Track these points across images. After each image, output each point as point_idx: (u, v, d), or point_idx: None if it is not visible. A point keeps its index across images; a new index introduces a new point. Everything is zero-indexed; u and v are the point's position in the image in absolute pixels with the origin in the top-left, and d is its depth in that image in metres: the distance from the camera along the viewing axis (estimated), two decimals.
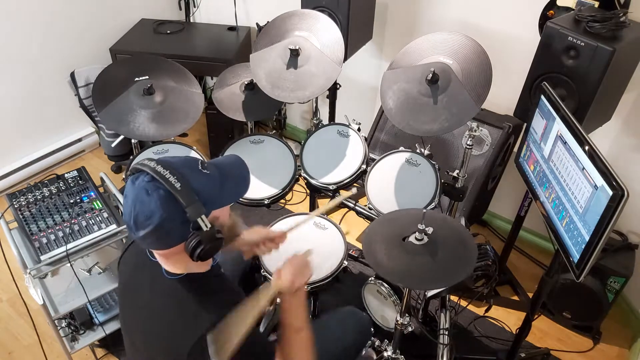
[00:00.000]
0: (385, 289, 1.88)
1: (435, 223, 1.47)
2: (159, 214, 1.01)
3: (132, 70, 2.06)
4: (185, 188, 1.02)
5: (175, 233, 1.05)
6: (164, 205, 1.01)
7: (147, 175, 1.03)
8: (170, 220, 1.02)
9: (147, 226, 1.02)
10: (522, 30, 2.22)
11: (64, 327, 2.00)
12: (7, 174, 2.94)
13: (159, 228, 1.02)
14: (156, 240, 1.06)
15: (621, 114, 2.11)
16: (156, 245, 1.09)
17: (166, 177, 1.02)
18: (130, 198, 1.03)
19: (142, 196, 1.02)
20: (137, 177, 1.05)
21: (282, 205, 2.86)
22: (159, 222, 1.01)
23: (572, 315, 2.26)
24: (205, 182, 1.07)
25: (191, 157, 1.12)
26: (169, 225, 1.03)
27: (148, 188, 1.02)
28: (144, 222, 1.02)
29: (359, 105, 3.05)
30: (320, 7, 2.29)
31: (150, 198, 1.01)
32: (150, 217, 1.01)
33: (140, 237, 1.05)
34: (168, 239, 1.06)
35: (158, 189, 1.02)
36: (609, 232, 1.27)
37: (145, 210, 1.01)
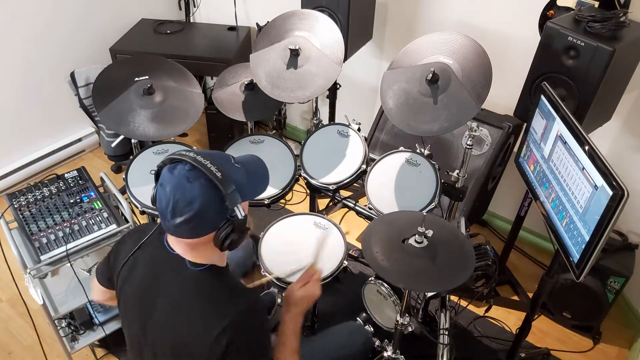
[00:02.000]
0: (385, 289, 1.88)
1: (435, 226, 1.47)
2: (200, 200, 1.05)
3: (132, 70, 2.06)
4: (225, 177, 1.08)
5: (211, 221, 1.10)
6: (205, 192, 1.06)
7: (188, 165, 1.07)
8: (209, 207, 1.07)
9: (186, 212, 1.06)
10: (522, 30, 2.22)
11: (64, 327, 2.00)
12: (7, 174, 2.94)
13: (198, 215, 1.07)
14: (192, 227, 1.09)
15: (621, 114, 2.11)
16: (190, 232, 1.11)
17: (208, 166, 1.06)
18: (170, 186, 1.07)
19: (183, 183, 1.06)
20: (174, 166, 1.09)
21: (282, 205, 2.86)
22: (199, 208, 1.06)
23: (572, 315, 2.26)
24: (237, 175, 1.13)
25: (223, 152, 1.19)
26: (207, 213, 1.08)
27: (189, 176, 1.06)
28: (184, 209, 1.06)
29: (359, 105, 3.05)
30: (320, 7, 2.29)
31: (192, 185, 1.06)
32: (191, 203, 1.05)
33: (175, 225, 1.08)
34: (203, 226, 1.10)
35: (199, 177, 1.06)
36: (609, 232, 1.27)
37: (187, 196, 1.06)
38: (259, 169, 1.24)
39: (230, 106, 2.18)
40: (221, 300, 1.15)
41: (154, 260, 1.24)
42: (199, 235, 1.12)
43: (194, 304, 1.16)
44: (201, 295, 1.16)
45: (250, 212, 1.38)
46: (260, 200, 1.97)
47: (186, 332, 1.14)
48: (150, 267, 1.25)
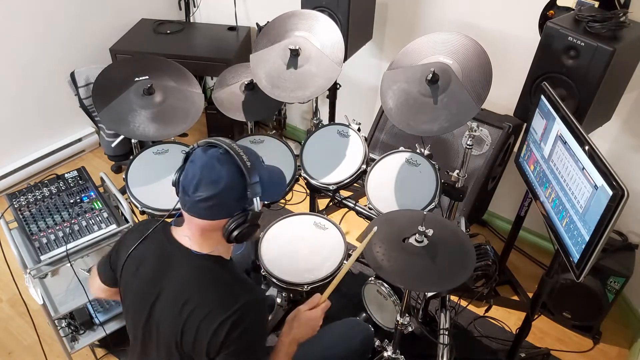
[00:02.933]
0: (385, 289, 1.88)
1: (435, 225, 1.47)
2: (225, 181, 1.11)
3: (132, 70, 2.06)
4: (253, 168, 1.13)
5: (229, 206, 1.14)
6: (232, 175, 1.11)
7: (222, 149, 1.13)
8: (231, 191, 1.12)
9: (208, 190, 1.11)
10: (522, 30, 2.22)
11: (64, 327, 1.99)
12: (7, 174, 2.94)
13: (219, 195, 1.11)
14: (210, 206, 1.13)
15: (621, 114, 2.11)
16: (205, 211, 1.14)
17: (240, 154, 1.13)
18: (200, 163, 1.13)
19: (213, 163, 1.12)
20: (208, 148, 1.15)
21: (282, 205, 2.86)
22: (222, 188, 1.11)
23: (572, 315, 2.26)
24: (263, 173, 1.18)
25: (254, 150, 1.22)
26: (228, 196, 1.13)
27: (221, 159, 1.12)
28: (207, 186, 1.11)
29: (359, 105, 3.05)
30: (320, 7, 2.29)
31: (222, 167, 1.11)
32: (216, 182, 1.11)
33: (194, 201, 1.12)
34: (220, 208, 1.14)
35: (229, 162, 1.12)
36: (609, 232, 1.27)
37: (213, 175, 1.11)
38: (279, 178, 1.30)
39: (230, 106, 2.19)
40: (226, 289, 1.18)
41: (159, 253, 1.26)
42: (213, 217, 1.15)
43: (198, 290, 1.17)
44: (205, 282, 1.19)
45: None
46: None
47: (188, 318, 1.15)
48: (155, 260, 1.26)
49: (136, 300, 1.29)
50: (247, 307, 1.15)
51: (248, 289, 1.21)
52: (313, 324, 1.35)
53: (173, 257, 1.23)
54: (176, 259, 1.22)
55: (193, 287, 1.18)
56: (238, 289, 1.19)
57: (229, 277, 1.21)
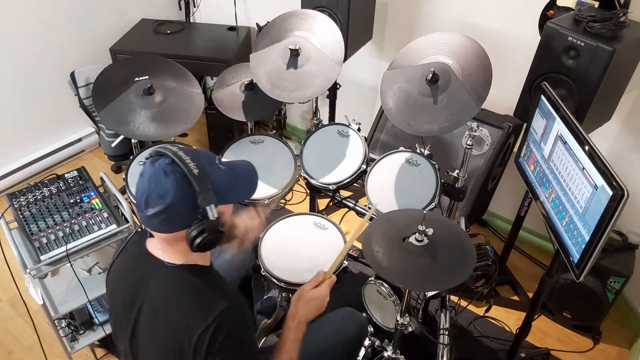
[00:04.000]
0: (385, 289, 1.88)
1: (435, 225, 1.47)
2: (172, 194, 1.06)
3: (132, 70, 2.06)
4: (202, 176, 1.07)
5: (182, 217, 1.10)
6: (178, 187, 1.06)
7: (168, 158, 1.08)
8: (180, 203, 1.07)
9: (157, 205, 1.07)
10: (522, 30, 2.22)
11: (64, 327, 2.00)
12: (7, 174, 2.95)
13: (169, 208, 1.07)
14: (163, 221, 1.09)
15: (621, 114, 2.11)
16: (161, 226, 1.11)
17: (186, 162, 1.07)
18: (147, 176, 1.09)
19: (159, 175, 1.07)
20: (157, 159, 1.10)
21: (282, 205, 2.86)
22: (171, 202, 1.06)
23: (572, 315, 2.26)
24: (220, 176, 1.13)
25: (209, 152, 1.18)
26: (179, 208, 1.08)
27: (167, 170, 1.07)
28: (156, 201, 1.07)
29: (359, 105, 3.05)
30: (320, 7, 2.29)
31: (167, 179, 1.06)
32: (163, 196, 1.06)
33: (147, 216, 1.09)
34: (174, 221, 1.10)
35: (176, 172, 1.07)
36: (609, 232, 1.27)
37: (160, 189, 1.07)
38: (246, 173, 1.23)
39: (230, 106, 2.18)
40: (201, 300, 1.14)
41: (134, 269, 1.24)
42: (171, 230, 1.12)
43: (173, 304, 1.14)
44: (180, 295, 1.15)
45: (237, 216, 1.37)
46: (261, 200, 1.97)
47: (168, 332, 1.13)
48: (130, 276, 1.24)
49: (118, 319, 1.27)
50: (225, 313, 1.11)
51: (224, 295, 1.16)
52: (319, 302, 1.34)
53: (147, 271, 1.20)
54: (150, 274, 1.19)
55: (168, 301, 1.15)
56: (214, 297, 1.14)
57: (204, 286, 1.16)
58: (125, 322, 1.24)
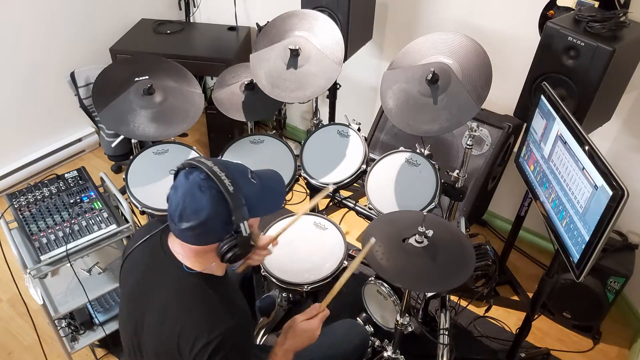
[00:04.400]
0: (385, 289, 1.88)
1: (435, 226, 1.47)
2: (208, 211, 1.06)
3: (132, 70, 2.06)
4: (237, 192, 1.08)
5: (216, 232, 1.10)
6: (214, 203, 1.06)
7: (203, 173, 1.08)
8: (215, 219, 1.08)
9: (192, 220, 1.07)
10: (522, 30, 2.22)
11: (64, 327, 1.99)
12: (7, 174, 2.94)
13: (203, 224, 1.07)
14: (196, 235, 1.10)
15: (621, 114, 2.11)
16: (193, 239, 1.12)
17: (222, 179, 1.07)
18: (182, 191, 1.09)
19: (194, 191, 1.07)
20: (190, 172, 1.10)
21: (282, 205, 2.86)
22: (205, 218, 1.07)
23: (572, 315, 2.26)
24: (251, 191, 1.13)
25: (243, 165, 1.18)
26: (213, 224, 1.08)
27: (202, 185, 1.07)
28: (191, 215, 1.07)
29: (359, 105, 3.05)
30: (320, 7, 2.29)
31: (203, 195, 1.06)
32: (199, 212, 1.07)
33: (180, 229, 1.09)
34: (207, 236, 1.11)
35: (211, 188, 1.07)
36: (609, 232, 1.27)
37: (195, 205, 1.07)
38: (276, 185, 1.24)
39: (230, 106, 2.19)
40: (211, 312, 1.14)
41: (152, 261, 1.24)
42: (203, 244, 1.12)
43: (183, 310, 1.14)
44: (192, 302, 1.15)
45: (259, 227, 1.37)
46: None
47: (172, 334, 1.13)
48: (145, 270, 1.24)
49: (127, 307, 1.27)
50: (229, 332, 1.11)
51: (233, 312, 1.17)
52: (310, 334, 1.33)
53: (163, 270, 1.20)
54: (166, 273, 1.19)
55: (178, 306, 1.15)
56: (223, 312, 1.15)
57: (216, 299, 1.16)
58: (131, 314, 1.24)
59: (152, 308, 1.18)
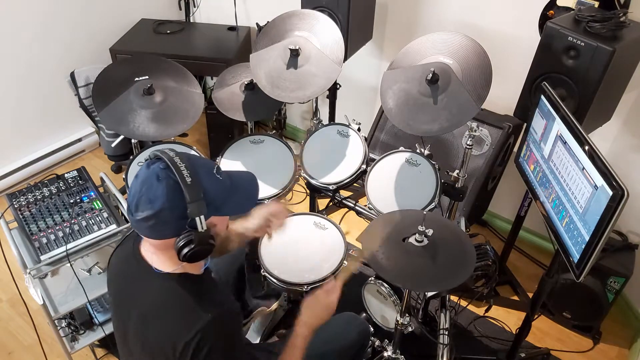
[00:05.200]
0: (385, 289, 1.88)
1: (435, 225, 1.47)
2: (162, 200, 1.04)
3: (132, 70, 2.06)
4: (195, 184, 1.04)
5: (171, 225, 1.07)
6: (169, 194, 1.04)
7: (163, 163, 1.06)
8: (170, 210, 1.05)
9: (146, 209, 1.04)
10: (522, 30, 2.22)
11: (64, 327, 2.00)
12: (7, 174, 2.94)
13: (157, 215, 1.04)
14: (151, 227, 1.07)
15: (621, 114, 2.11)
16: (149, 232, 1.09)
17: (180, 169, 1.04)
18: (140, 179, 1.07)
19: (151, 180, 1.05)
20: (153, 162, 1.08)
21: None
22: (159, 208, 1.04)
23: (572, 315, 2.26)
24: (215, 186, 1.10)
25: (209, 160, 1.15)
26: (168, 215, 1.05)
27: (160, 174, 1.05)
28: (146, 205, 1.05)
29: (359, 105, 3.05)
30: (320, 7, 2.29)
31: (159, 184, 1.04)
32: (153, 201, 1.04)
33: (136, 220, 1.07)
34: (162, 228, 1.07)
35: (169, 178, 1.04)
36: (609, 232, 1.27)
37: (151, 194, 1.04)
38: (246, 184, 1.20)
39: (230, 106, 2.18)
40: (187, 311, 1.11)
41: (125, 272, 1.23)
42: (159, 237, 1.09)
43: (162, 312, 1.13)
44: (165, 306, 1.13)
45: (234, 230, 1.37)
46: (261, 201, 1.97)
47: (155, 342, 1.12)
48: (122, 279, 1.24)
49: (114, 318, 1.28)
50: (209, 326, 1.08)
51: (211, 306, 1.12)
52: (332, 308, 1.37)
53: (137, 276, 1.18)
54: (140, 279, 1.17)
55: (155, 310, 1.13)
56: (200, 308, 1.11)
57: (191, 297, 1.13)
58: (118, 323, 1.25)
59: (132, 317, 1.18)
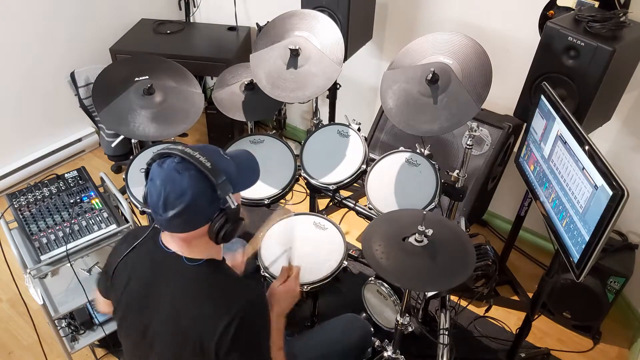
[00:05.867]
0: (385, 289, 1.88)
1: (435, 225, 1.47)
2: (191, 191, 1.05)
3: (132, 70, 2.06)
4: (215, 167, 1.07)
5: (204, 212, 1.10)
6: (195, 183, 1.06)
7: (177, 157, 1.07)
8: (201, 197, 1.07)
9: (177, 205, 1.06)
10: (522, 30, 2.22)
11: (64, 327, 1.99)
12: (7, 174, 2.94)
13: (190, 206, 1.06)
14: (185, 220, 1.09)
15: (621, 114, 2.11)
16: (183, 226, 1.11)
17: (197, 157, 1.06)
18: (160, 179, 1.07)
19: (173, 176, 1.06)
20: (163, 161, 1.09)
21: (282, 205, 2.86)
22: (191, 199, 1.06)
23: (572, 315, 2.26)
24: (228, 166, 1.13)
25: (211, 145, 1.17)
26: (199, 203, 1.07)
27: (178, 168, 1.06)
28: (175, 201, 1.06)
29: (359, 105, 3.05)
30: (320, 7, 2.29)
31: (182, 177, 1.05)
32: (182, 195, 1.05)
33: (168, 218, 1.08)
34: (196, 218, 1.10)
35: (189, 169, 1.06)
36: (609, 232, 1.27)
37: (177, 189, 1.05)
38: (248, 161, 1.24)
39: (230, 106, 2.18)
40: (225, 293, 1.15)
41: (151, 263, 1.23)
42: (193, 228, 1.11)
43: (197, 300, 1.15)
44: (203, 291, 1.16)
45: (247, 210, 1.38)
46: (260, 201, 1.97)
47: (190, 328, 1.14)
48: (147, 270, 1.23)
49: (129, 314, 1.26)
50: (248, 306, 1.13)
51: (245, 287, 1.19)
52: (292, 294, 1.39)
53: (165, 267, 1.19)
54: (168, 270, 1.19)
55: (191, 299, 1.15)
56: (235, 290, 1.17)
57: (225, 280, 1.19)
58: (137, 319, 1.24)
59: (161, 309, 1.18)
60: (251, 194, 1.95)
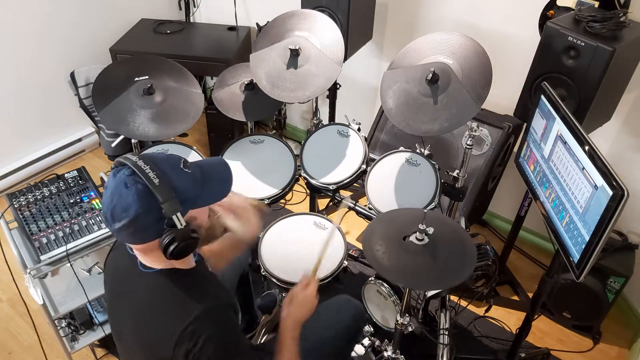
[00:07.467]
0: (385, 289, 1.88)
1: (435, 223, 1.46)
2: (135, 207, 1.02)
3: (132, 70, 2.06)
4: (164, 184, 1.03)
5: (151, 229, 1.06)
6: (141, 199, 1.02)
7: (129, 169, 1.04)
8: (145, 215, 1.03)
9: (122, 219, 1.03)
10: (522, 30, 2.22)
11: (64, 327, 2.00)
12: (7, 174, 2.94)
13: (134, 222, 1.03)
14: (131, 234, 1.06)
15: (621, 114, 2.11)
16: (131, 239, 1.09)
17: (146, 172, 1.03)
18: (110, 190, 1.05)
19: (121, 189, 1.03)
20: (119, 170, 1.06)
21: (282, 205, 2.86)
22: (135, 215, 1.03)
23: (572, 315, 2.26)
24: (185, 181, 1.08)
25: (174, 155, 1.14)
26: (145, 220, 1.04)
27: (127, 181, 1.03)
28: (120, 215, 1.03)
29: (359, 105, 3.05)
30: (320, 7, 2.29)
31: (129, 191, 1.02)
32: (127, 209, 1.02)
33: (116, 230, 1.06)
34: (143, 233, 1.07)
35: (137, 183, 1.03)
36: (609, 232, 1.27)
37: (123, 202, 1.03)
38: (217, 171, 1.19)
39: (230, 106, 2.18)
40: (178, 305, 1.11)
41: (118, 267, 1.24)
42: (142, 242, 1.09)
43: (155, 307, 1.13)
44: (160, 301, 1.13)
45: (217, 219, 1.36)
46: (260, 200, 1.97)
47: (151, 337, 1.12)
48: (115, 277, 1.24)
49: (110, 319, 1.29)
50: (202, 317, 1.08)
51: (203, 297, 1.13)
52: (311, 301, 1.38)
53: (130, 275, 1.18)
54: (133, 278, 1.17)
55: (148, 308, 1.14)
56: (191, 301, 1.11)
57: (183, 290, 1.12)
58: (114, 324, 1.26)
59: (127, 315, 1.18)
60: (251, 194, 1.95)
